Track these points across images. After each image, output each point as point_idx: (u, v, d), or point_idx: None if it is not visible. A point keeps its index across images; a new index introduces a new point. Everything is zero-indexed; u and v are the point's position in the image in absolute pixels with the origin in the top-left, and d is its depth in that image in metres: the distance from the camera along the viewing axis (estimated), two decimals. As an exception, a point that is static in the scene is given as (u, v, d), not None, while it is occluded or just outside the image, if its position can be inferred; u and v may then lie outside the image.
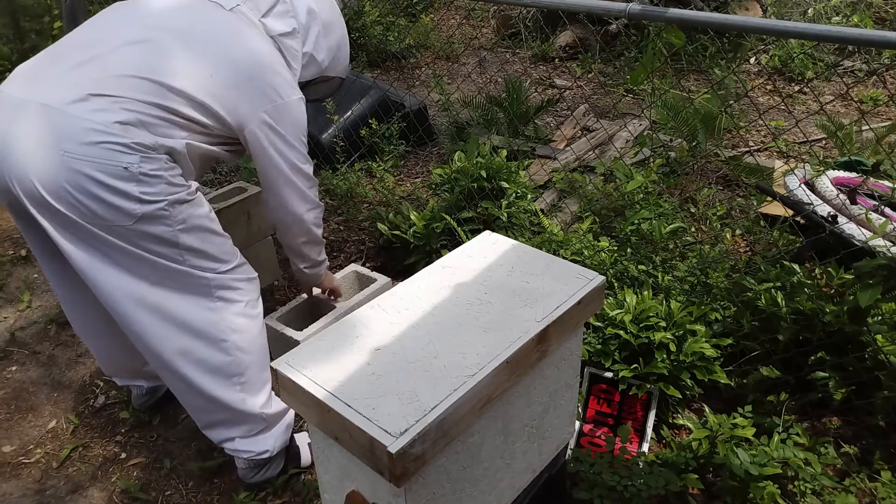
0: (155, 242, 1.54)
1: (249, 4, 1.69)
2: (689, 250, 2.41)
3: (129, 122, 1.46)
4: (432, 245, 2.63)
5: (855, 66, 4.73)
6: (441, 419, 0.99)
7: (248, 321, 1.71)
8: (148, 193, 1.48)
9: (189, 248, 1.58)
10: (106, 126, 1.44)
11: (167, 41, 1.53)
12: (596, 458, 1.74)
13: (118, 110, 1.45)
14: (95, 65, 1.49)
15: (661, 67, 4.52)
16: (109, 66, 1.49)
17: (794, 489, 1.70)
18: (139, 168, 1.46)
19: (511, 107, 3.71)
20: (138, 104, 1.47)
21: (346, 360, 1.12)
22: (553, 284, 1.29)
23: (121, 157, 1.44)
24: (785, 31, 1.66)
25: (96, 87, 1.46)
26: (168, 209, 1.51)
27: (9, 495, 1.95)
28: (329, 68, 1.86)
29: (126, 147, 1.45)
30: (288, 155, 1.68)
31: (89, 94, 1.45)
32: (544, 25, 5.36)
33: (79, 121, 1.43)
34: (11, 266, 2.98)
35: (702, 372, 1.93)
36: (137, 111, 1.46)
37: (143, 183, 1.47)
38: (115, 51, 1.51)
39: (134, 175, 1.46)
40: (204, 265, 1.62)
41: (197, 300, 1.63)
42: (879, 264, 1.61)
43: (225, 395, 1.71)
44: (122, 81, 1.47)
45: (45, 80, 1.50)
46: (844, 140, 3.18)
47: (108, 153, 1.44)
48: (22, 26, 4.73)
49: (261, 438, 1.81)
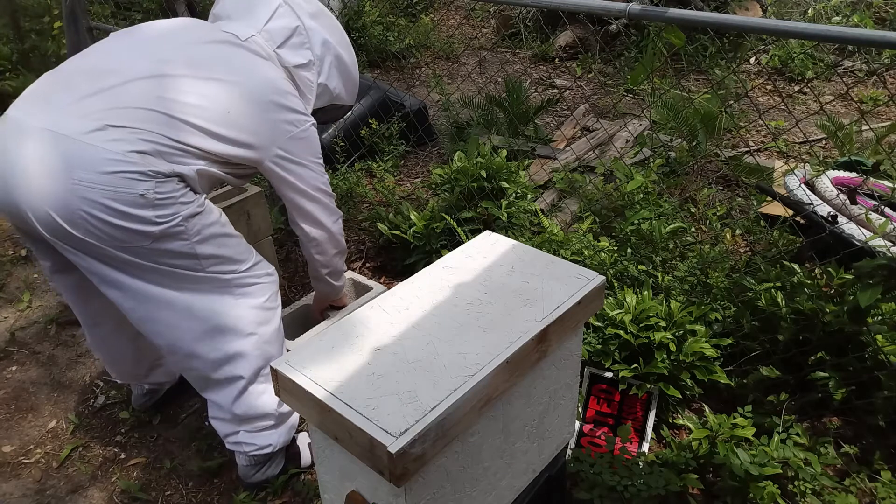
0: (174, 257, 1.57)
1: (265, 35, 1.70)
2: (689, 250, 2.41)
3: (146, 152, 1.47)
4: (432, 245, 2.63)
5: (855, 66, 4.73)
6: (441, 419, 0.99)
7: (271, 314, 1.76)
8: (163, 216, 1.51)
9: (207, 256, 1.61)
10: (123, 156, 1.45)
11: (181, 75, 1.54)
12: (596, 458, 1.74)
13: (135, 140, 1.46)
14: (110, 96, 1.49)
15: (661, 67, 4.52)
16: (124, 98, 1.49)
17: (794, 489, 1.70)
18: (155, 194, 1.48)
19: (511, 107, 3.71)
20: (155, 135, 1.48)
21: (346, 360, 1.12)
22: (553, 284, 1.29)
23: (137, 184, 1.46)
24: (785, 31, 1.66)
25: (112, 119, 1.46)
26: (183, 224, 1.54)
27: (9, 495, 1.95)
28: (340, 96, 1.91)
29: (142, 175, 1.46)
30: (308, 178, 1.74)
31: (107, 125, 1.45)
32: (544, 25, 5.36)
33: (96, 150, 1.44)
34: (11, 266, 2.98)
35: (702, 372, 1.93)
36: (154, 142, 1.48)
37: (158, 207, 1.49)
38: (130, 84, 1.51)
39: (150, 201, 1.48)
40: (224, 269, 1.65)
41: (221, 299, 1.66)
42: (879, 264, 1.61)
43: (251, 388, 1.74)
44: (138, 114, 1.48)
45: (55, 108, 1.49)
46: (844, 140, 3.18)
47: (124, 182, 1.45)
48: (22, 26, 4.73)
49: (266, 434, 1.82)
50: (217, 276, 1.64)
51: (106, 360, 2.01)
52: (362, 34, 5.13)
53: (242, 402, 1.76)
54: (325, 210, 1.82)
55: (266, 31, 1.71)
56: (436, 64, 5.31)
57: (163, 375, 2.11)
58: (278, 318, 1.80)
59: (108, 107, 1.48)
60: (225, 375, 1.72)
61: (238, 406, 1.76)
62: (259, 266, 1.74)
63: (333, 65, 1.83)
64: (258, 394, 1.76)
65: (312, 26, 1.76)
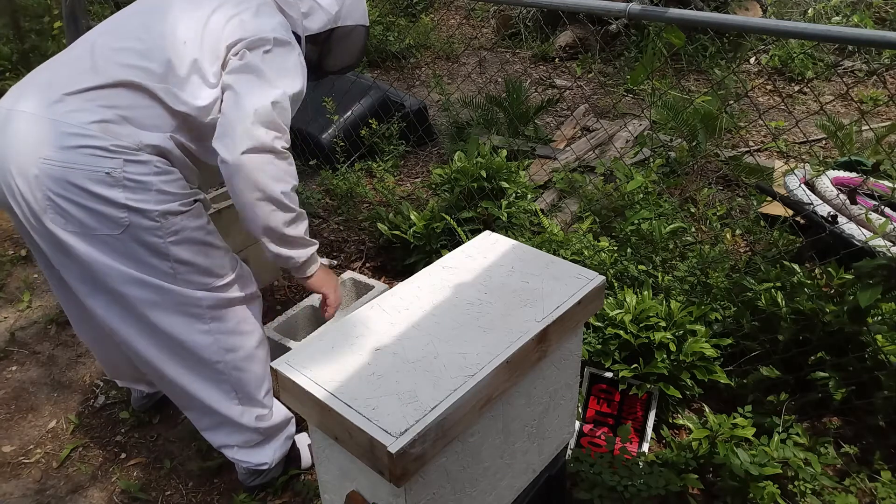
0: (145, 253, 1.48)
1: None
2: (689, 250, 2.41)
3: (107, 120, 1.39)
4: (432, 245, 2.63)
5: (855, 66, 4.73)
6: (441, 419, 0.99)
7: (243, 339, 1.66)
8: (135, 200, 1.41)
9: (180, 260, 1.51)
10: (82, 128, 1.37)
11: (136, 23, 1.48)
12: (596, 458, 1.74)
13: (94, 108, 1.38)
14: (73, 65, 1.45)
15: (661, 67, 4.52)
16: (83, 62, 1.44)
17: (794, 489, 1.69)
18: (123, 173, 1.39)
19: (511, 107, 3.71)
20: (117, 93, 1.39)
21: (346, 360, 1.12)
22: (553, 284, 1.29)
23: (101, 161, 1.38)
24: (785, 31, 1.66)
25: (69, 85, 1.40)
26: (159, 220, 1.45)
27: (9, 495, 1.95)
28: (343, 14, 1.63)
29: (105, 151, 1.38)
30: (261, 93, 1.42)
31: (63, 93, 1.39)
32: (544, 25, 5.36)
33: (55, 125, 1.38)
34: (11, 266, 2.98)
35: (702, 372, 1.93)
36: (115, 106, 1.39)
37: (129, 189, 1.41)
38: (90, 45, 1.47)
39: (118, 180, 1.39)
40: (196, 280, 1.56)
41: (190, 323, 1.58)
42: (879, 264, 1.61)
43: (223, 408, 1.70)
44: (92, 74, 1.41)
45: (31, 89, 1.47)
46: (844, 140, 3.18)
47: (86, 158, 1.37)
48: (22, 26, 4.74)
49: (259, 451, 1.80)
50: (187, 290, 1.54)
51: (102, 360, 2.01)
52: (362, 34, 5.12)
53: (220, 427, 1.73)
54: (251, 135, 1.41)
55: None
56: (436, 64, 5.31)
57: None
58: (253, 343, 1.69)
59: (68, 75, 1.43)
60: (195, 401, 1.68)
61: (215, 431, 1.74)
62: (237, 284, 1.63)
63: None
64: (237, 415, 1.70)
65: None
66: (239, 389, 1.69)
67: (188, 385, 1.67)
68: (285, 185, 1.49)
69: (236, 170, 1.42)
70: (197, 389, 1.67)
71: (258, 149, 1.41)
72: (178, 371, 1.64)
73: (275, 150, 1.44)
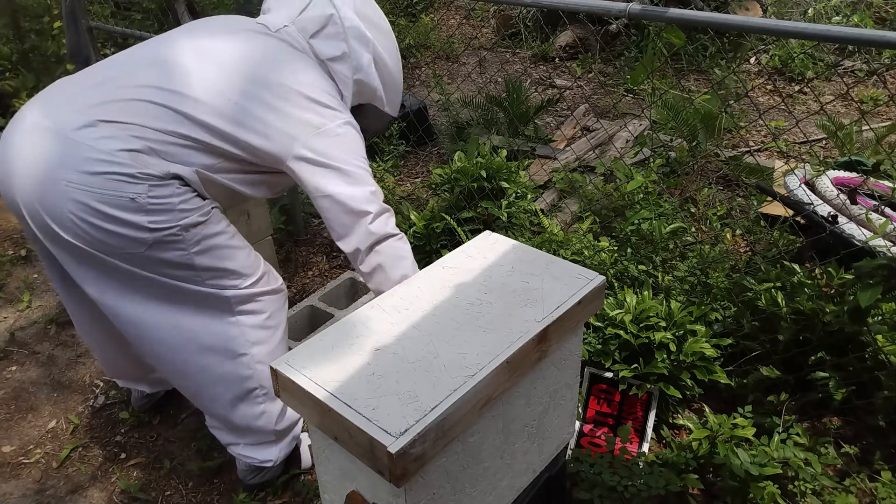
0: (170, 267, 1.47)
1: (298, 24, 1.58)
2: (689, 250, 2.41)
3: (137, 150, 1.37)
4: (432, 245, 2.63)
5: (855, 66, 4.73)
6: (441, 419, 0.99)
7: (269, 333, 1.66)
8: (157, 223, 1.41)
9: (206, 268, 1.51)
10: (110, 155, 1.36)
11: (188, 59, 1.43)
12: (596, 458, 1.74)
13: (126, 138, 1.36)
14: (107, 89, 1.42)
15: (661, 67, 4.52)
16: (121, 90, 1.40)
17: (794, 489, 1.69)
18: (147, 198, 1.38)
19: (511, 107, 3.71)
20: (148, 130, 1.38)
21: (346, 360, 1.11)
22: (553, 284, 1.29)
23: (126, 187, 1.36)
24: (785, 31, 1.66)
25: (104, 114, 1.37)
26: (181, 234, 1.44)
27: (9, 495, 1.95)
28: (380, 100, 1.70)
29: (131, 177, 1.37)
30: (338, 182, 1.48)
31: (98, 120, 1.37)
32: (544, 25, 5.35)
33: (82, 149, 1.36)
34: (11, 266, 2.98)
35: (702, 372, 1.93)
36: (147, 138, 1.38)
37: (152, 213, 1.39)
38: (130, 73, 1.43)
39: (142, 206, 1.38)
40: (224, 283, 1.55)
41: (216, 316, 1.57)
42: (879, 264, 1.61)
43: (244, 410, 1.68)
44: (132, 106, 1.38)
45: (59, 103, 1.43)
46: (844, 140, 3.18)
47: (112, 184, 1.36)
48: (22, 26, 4.73)
49: (266, 449, 1.80)
50: (215, 291, 1.54)
51: (103, 360, 2.01)
52: (362, 34, 5.13)
53: (237, 420, 1.71)
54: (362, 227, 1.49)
55: (300, 20, 1.58)
56: (436, 64, 5.31)
57: (160, 382, 2.10)
58: (278, 337, 1.69)
59: (103, 100, 1.40)
60: (215, 395, 1.67)
61: (232, 425, 1.73)
62: (264, 280, 1.64)
63: (372, 63, 1.63)
64: (255, 415, 1.70)
65: (350, 17, 1.58)
66: (263, 384, 1.67)
67: (208, 386, 1.64)
68: (411, 264, 1.57)
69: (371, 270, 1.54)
70: (220, 391, 1.64)
71: (381, 238, 1.52)
72: (202, 372, 1.61)
73: (391, 235, 1.54)
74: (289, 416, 1.80)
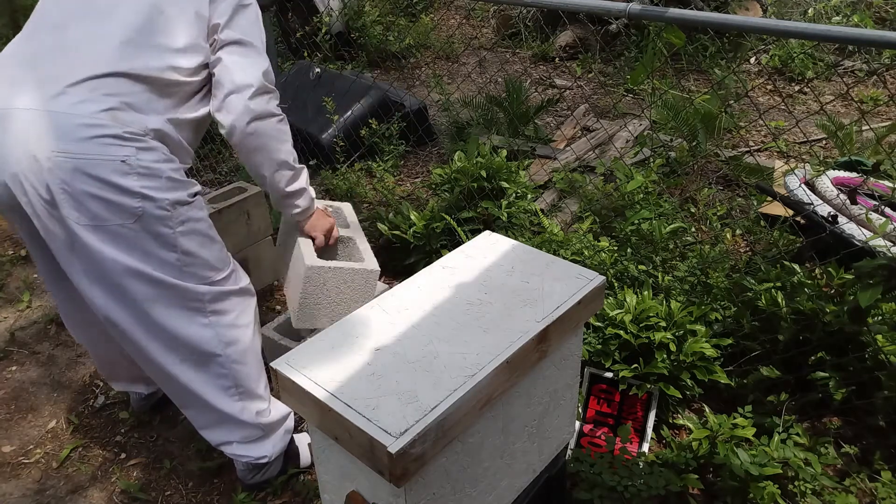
0: (154, 244, 1.51)
1: None
2: (689, 250, 2.41)
3: (114, 108, 1.41)
4: (432, 245, 2.63)
5: (855, 66, 4.73)
6: (441, 419, 0.99)
7: (241, 331, 1.69)
8: (149, 188, 1.45)
9: (187, 251, 1.55)
10: (91, 118, 1.39)
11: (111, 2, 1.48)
12: (596, 458, 1.74)
13: (99, 97, 1.40)
14: (53, 52, 1.45)
15: (661, 67, 4.52)
16: (67, 47, 1.44)
17: (794, 489, 1.70)
18: (137, 160, 1.43)
19: (511, 107, 3.71)
20: (115, 82, 1.42)
21: (346, 360, 1.11)
22: (553, 284, 1.29)
23: (115, 149, 1.41)
24: (785, 31, 1.66)
25: (68, 75, 1.41)
26: (169, 209, 1.49)
27: (9, 495, 1.95)
28: None
29: (118, 139, 1.41)
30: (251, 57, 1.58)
31: (65, 86, 1.40)
32: (544, 25, 5.36)
33: (65, 117, 1.39)
34: (11, 266, 2.98)
35: (702, 372, 1.93)
36: (118, 91, 1.42)
37: (144, 176, 1.44)
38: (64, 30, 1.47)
39: (133, 168, 1.42)
40: (200, 273, 1.59)
41: (191, 317, 1.61)
42: (879, 264, 1.61)
43: (223, 405, 1.71)
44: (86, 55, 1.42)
45: (19, 85, 1.45)
46: (844, 140, 3.18)
47: (102, 147, 1.40)
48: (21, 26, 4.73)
49: (258, 445, 1.80)
50: (191, 285, 1.58)
51: (98, 362, 2.01)
52: (362, 34, 5.13)
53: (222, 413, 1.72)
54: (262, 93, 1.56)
55: None
56: (436, 64, 5.31)
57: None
58: (249, 335, 1.72)
59: (62, 61, 1.43)
60: (195, 399, 1.69)
61: (218, 419, 1.74)
62: (233, 278, 1.68)
63: None
64: (237, 410, 1.72)
65: None
66: (239, 384, 1.71)
67: (189, 382, 1.67)
68: (288, 145, 1.67)
69: (244, 139, 1.58)
70: (197, 386, 1.68)
71: (262, 115, 1.57)
72: (178, 367, 1.65)
73: (274, 114, 1.60)
74: (276, 411, 1.82)
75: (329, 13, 4.91)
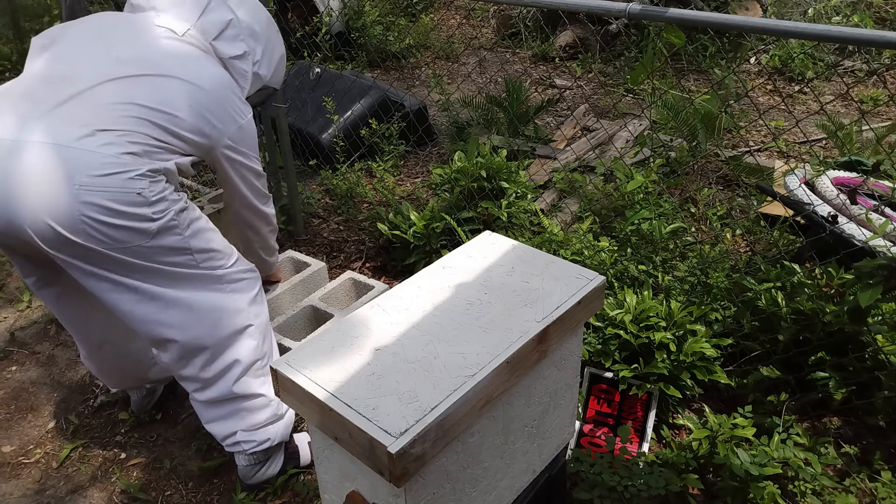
0: (170, 254, 1.61)
1: (199, 28, 1.73)
2: (689, 250, 2.41)
3: (135, 153, 1.52)
4: (432, 245, 2.63)
5: (855, 66, 4.73)
6: (441, 419, 0.99)
7: (261, 308, 1.83)
8: (158, 212, 1.56)
9: (199, 250, 1.66)
10: (116, 158, 1.49)
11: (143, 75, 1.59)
12: (596, 458, 1.74)
13: (124, 143, 1.51)
14: (85, 101, 1.52)
15: (661, 67, 4.52)
16: (100, 102, 1.52)
17: (794, 489, 1.70)
18: (150, 192, 1.53)
19: (511, 107, 3.71)
20: (139, 136, 1.54)
21: (346, 360, 1.12)
22: (553, 284, 1.29)
23: (133, 184, 1.51)
24: (785, 31, 1.66)
25: (98, 123, 1.50)
26: (176, 219, 1.59)
27: (9, 495, 1.95)
28: (270, 82, 1.96)
29: (138, 174, 1.52)
30: (251, 167, 1.83)
31: (95, 129, 1.49)
32: (544, 25, 5.36)
33: (91, 155, 1.48)
34: (11, 266, 2.98)
35: (702, 372, 1.93)
36: (140, 143, 1.54)
37: (154, 204, 1.55)
38: (99, 87, 1.54)
39: (147, 199, 1.53)
40: (214, 263, 1.70)
41: (218, 295, 1.72)
42: (879, 264, 1.61)
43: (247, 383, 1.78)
44: (118, 116, 1.52)
45: (35, 120, 1.50)
46: (844, 140, 3.18)
47: (122, 182, 1.49)
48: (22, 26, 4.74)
49: (262, 431, 1.82)
50: (209, 272, 1.69)
51: (99, 372, 2.01)
52: (362, 34, 5.13)
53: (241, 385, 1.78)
54: (260, 195, 1.92)
55: (201, 24, 1.73)
56: (436, 64, 5.31)
57: (160, 372, 2.10)
58: (266, 314, 1.86)
59: (89, 111, 1.51)
60: (224, 366, 1.75)
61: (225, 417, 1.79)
62: (241, 261, 1.81)
63: (265, 53, 1.87)
64: (258, 384, 1.80)
65: (243, 17, 1.80)
66: (264, 356, 1.81)
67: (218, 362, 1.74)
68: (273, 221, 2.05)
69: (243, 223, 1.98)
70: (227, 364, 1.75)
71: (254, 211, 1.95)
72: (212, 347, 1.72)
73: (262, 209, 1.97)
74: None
75: (329, 13, 4.91)
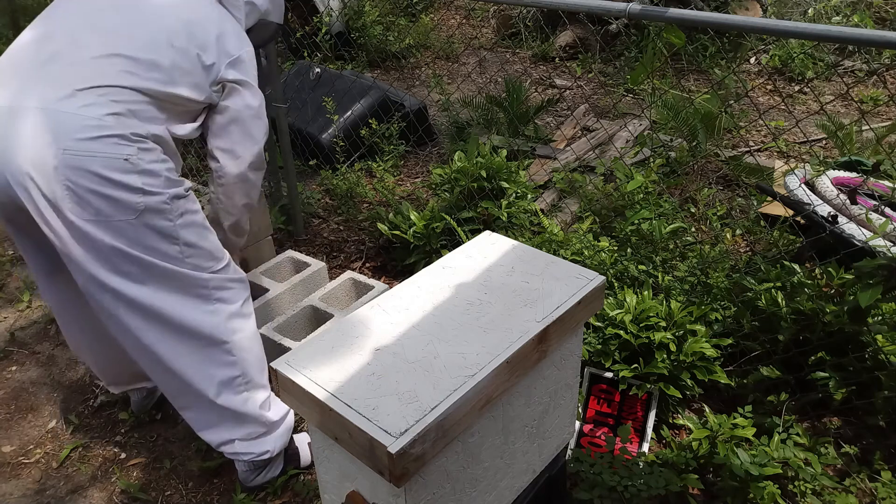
0: (156, 238, 1.55)
1: None
2: (689, 250, 2.41)
3: (119, 113, 1.47)
4: (432, 245, 2.63)
5: (855, 66, 4.73)
6: (441, 419, 0.99)
7: (244, 321, 1.73)
8: (150, 185, 1.50)
9: (188, 243, 1.60)
10: (99, 120, 1.45)
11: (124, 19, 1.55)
12: (596, 458, 1.74)
13: (107, 103, 1.46)
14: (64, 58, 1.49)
15: (661, 67, 4.52)
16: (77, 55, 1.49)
17: (794, 489, 1.70)
18: (138, 159, 1.48)
19: (511, 107, 3.71)
20: (121, 92, 1.48)
21: (346, 360, 1.12)
22: (553, 284, 1.29)
23: (120, 149, 1.46)
24: (785, 31, 1.66)
25: (77, 81, 1.46)
26: (169, 203, 1.54)
27: (9, 495, 1.95)
28: (268, 15, 1.90)
29: (123, 138, 1.46)
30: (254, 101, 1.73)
31: (75, 89, 1.45)
32: (544, 25, 5.36)
33: (73, 117, 1.44)
34: (11, 266, 2.98)
35: (702, 372, 1.93)
36: (124, 100, 1.48)
37: (144, 174, 1.49)
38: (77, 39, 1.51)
39: (136, 166, 1.47)
40: (202, 263, 1.64)
41: (197, 304, 1.64)
42: (879, 264, 1.61)
43: (227, 400, 1.71)
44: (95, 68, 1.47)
45: (24, 84, 1.49)
46: (844, 140, 3.18)
47: (107, 146, 1.45)
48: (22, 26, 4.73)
49: (260, 441, 1.80)
50: (194, 272, 1.61)
51: (96, 368, 2.01)
52: (362, 34, 5.13)
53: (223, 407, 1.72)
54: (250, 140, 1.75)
55: None
56: (436, 64, 5.31)
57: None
58: (252, 325, 1.77)
59: (67, 68, 1.47)
60: (197, 393, 1.69)
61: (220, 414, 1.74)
62: (230, 268, 1.73)
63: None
64: (240, 402, 1.73)
65: None
66: (245, 372, 1.73)
67: (192, 377, 1.67)
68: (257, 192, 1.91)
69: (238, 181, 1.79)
70: (200, 381, 1.68)
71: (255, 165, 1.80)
72: (182, 360, 1.65)
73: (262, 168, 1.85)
74: (278, 405, 1.83)
75: (329, 13, 4.91)
